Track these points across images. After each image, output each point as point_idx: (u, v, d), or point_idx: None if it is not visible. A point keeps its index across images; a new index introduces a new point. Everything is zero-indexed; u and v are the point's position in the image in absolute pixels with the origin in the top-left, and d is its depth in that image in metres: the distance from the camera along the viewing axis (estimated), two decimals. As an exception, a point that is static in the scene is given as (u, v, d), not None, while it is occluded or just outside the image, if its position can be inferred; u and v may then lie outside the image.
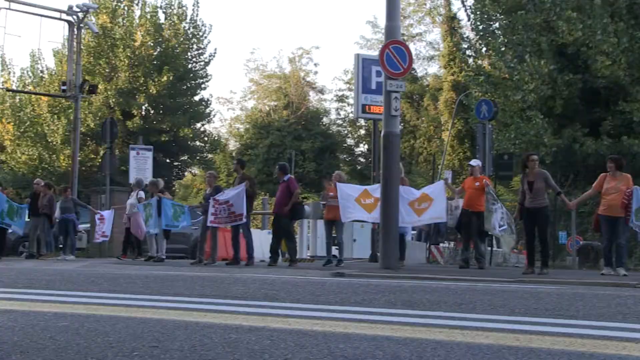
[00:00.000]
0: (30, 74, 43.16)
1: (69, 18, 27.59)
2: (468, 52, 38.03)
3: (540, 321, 5.74)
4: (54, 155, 39.98)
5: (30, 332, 5.13)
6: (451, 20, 52.93)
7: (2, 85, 38.53)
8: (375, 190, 16.11)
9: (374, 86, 19.41)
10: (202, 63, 44.26)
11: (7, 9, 25.50)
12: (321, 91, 65.76)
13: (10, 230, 21.41)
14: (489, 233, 16.47)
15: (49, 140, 39.74)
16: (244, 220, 16.58)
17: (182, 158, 46.36)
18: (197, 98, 44.85)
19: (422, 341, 4.69)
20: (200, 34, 43.59)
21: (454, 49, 49.83)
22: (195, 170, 54.34)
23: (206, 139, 46.61)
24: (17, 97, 42.74)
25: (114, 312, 6.28)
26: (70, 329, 5.23)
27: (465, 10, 32.00)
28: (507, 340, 4.70)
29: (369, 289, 8.87)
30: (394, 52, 14.79)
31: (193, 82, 44.21)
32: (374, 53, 40.02)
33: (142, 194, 19.66)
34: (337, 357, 4.16)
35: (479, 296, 8.01)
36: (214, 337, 4.84)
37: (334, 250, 17.25)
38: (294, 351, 4.34)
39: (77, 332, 5.12)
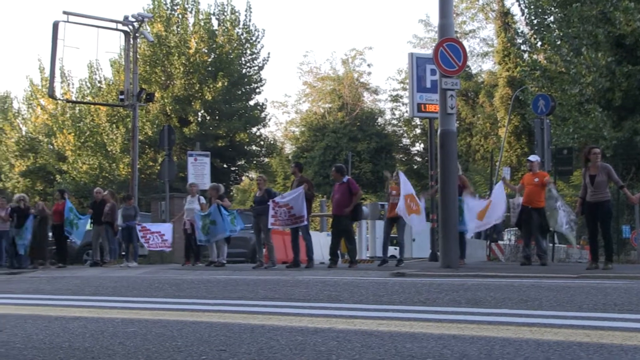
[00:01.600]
0: (89, 85, 44.02)
1: (125, 28, 27.99)
2: (523, 47, 37.59)
3: (610, 317, 5.64)
4: (114, 164, 40.67)
5: (100, 338, 5.22)
6: (504, 15, 52.40)
7: (62, 96, 39.28)
8: (421, 201, 16.30)
9: (428, 85, 19.28)
10: (256, 68, 44.52)
11: (65, 21, 26.02)
12: (375, 92, 65.78)
13: (72, 240, 21.79)
14: (554, 230, 16.28)
15: (109, 149, 40.47)
16: (305, 222, 16.64)
17: (239, 163, 46.64)
18: (252, 103, 45.16)
19: (489, 339, 4.65)
20: (254, 38, 43.85)
21: (508, 44, 49.37)
22: (252, 174, 54.70)
23: (262, 143, 46.78)
24: (77, 108, 43.68)
25: (180, 317, 6.34)
26: (138, 335, 5.30)
27: (519, 5, 31.53)
28: (577, 337, 4.62)
29: (432, 288, 8.81)
30: (448, 50, 14.70)
31: (248, 87, 44.51)
32: (427, 52, 39.83)
33: (202, 199, 19.82)
34: (404, 357, 4.14)
35: (544, 292, 7.90)
36: (280, 340, 4.85)
37: (393, 251, 17.17)
38: (360, 352, 4.33)
39: (145, 337, 5.18)
